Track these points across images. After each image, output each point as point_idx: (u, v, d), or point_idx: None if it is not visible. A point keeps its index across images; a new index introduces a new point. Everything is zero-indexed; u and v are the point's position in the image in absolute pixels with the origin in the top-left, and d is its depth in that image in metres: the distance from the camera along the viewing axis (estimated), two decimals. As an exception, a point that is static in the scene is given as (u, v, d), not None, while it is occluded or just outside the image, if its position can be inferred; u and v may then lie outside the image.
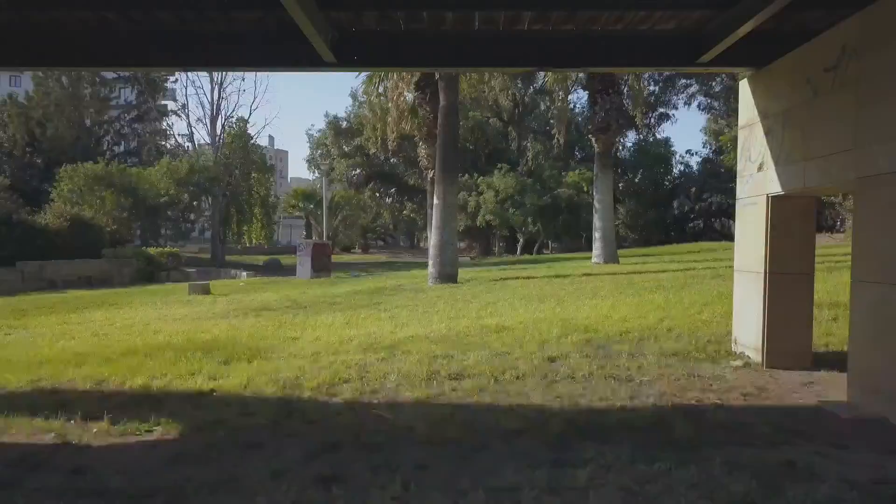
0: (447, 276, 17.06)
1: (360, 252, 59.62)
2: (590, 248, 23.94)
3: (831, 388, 5.26)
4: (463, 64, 6.94)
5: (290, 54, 6.20)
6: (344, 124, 54.71)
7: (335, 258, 38.33)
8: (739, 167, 6.59)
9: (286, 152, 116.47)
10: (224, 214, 40.06)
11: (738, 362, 6.17)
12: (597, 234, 22.26)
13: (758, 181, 6.17)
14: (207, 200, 39.36)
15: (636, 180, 51.28)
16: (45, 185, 35.96)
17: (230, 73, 40.36)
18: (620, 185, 48.86)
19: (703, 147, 56.19)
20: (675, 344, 7.01)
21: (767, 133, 5.99)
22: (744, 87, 6.53)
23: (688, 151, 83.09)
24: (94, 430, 4.81)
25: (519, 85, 47.61)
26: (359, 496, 3.45)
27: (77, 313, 15.14)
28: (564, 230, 44.30)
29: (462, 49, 6.27)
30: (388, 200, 58.93)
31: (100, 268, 26.54)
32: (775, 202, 5.93)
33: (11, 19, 5.97)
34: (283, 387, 5.77)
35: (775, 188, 5.83)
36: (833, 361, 5.97)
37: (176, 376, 6.37)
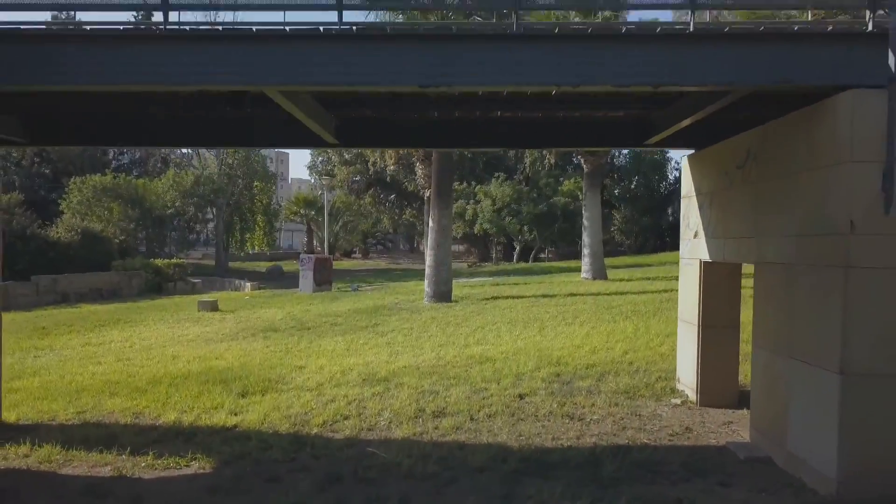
0: (442, 294, 18.21)
1: (360, 257, 60.78)
2: (585, 255, 24.91)
3: (745, 427, 6.37)
4: (447, 146, 8.06)
5: (298, 136, 7.30)
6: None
7: (336, 265, 39.52)
8: (681, 230, 7.73)
9: (287, 154, 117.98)
10: (227, 223, 41.23)
11: (678, 400, 7.30)
12: (586, 251, 23.37)
13: (694, 246, 7.30)
14: (212, 211, 40.52)
15: (632, 186, 52.34)
16: (53, 195, 37.12)
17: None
18: (616, 191, 49.96)
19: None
20: (631, 380, 8.14)
21: (700, 207, 7.12)
22: (685, 164, 7.66)
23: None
24: (143, 463, 5.92)
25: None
26: (356, 524, 4.56)
27: (95, 332, 16.31)
28: (560, 237, 45.38)
29: (446, 133, 7.39)
30: (388, 206, 60.00)
31: (109, 280, 27.68)
32: (706, 266, 7.06)
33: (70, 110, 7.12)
34: (294, 423, 6.89)
35: (705, 255, 6.96)
36: (759, 399, 7.09)
37: (202, 411, 7.49)
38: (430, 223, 19.07)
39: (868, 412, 4.50)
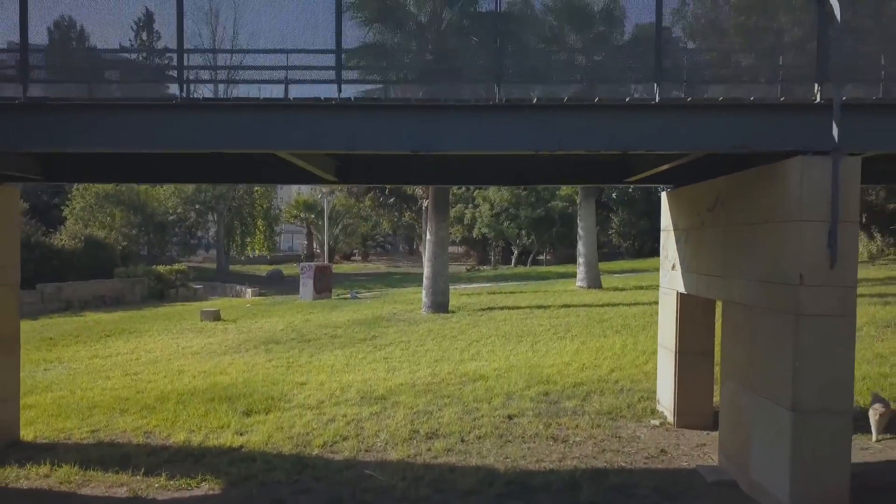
0: (439, 304, 18.70)
1: (360, 260, 61.33)
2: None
3: (715, 450, 6.83)
4: (444, 182, 8.53)
5: (300, 175, 7.76)
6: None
7: (336, 268, 40.04)
8: (661, 261, 8.20)
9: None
10: (228, 227, 41.73)
11: (657, 421, 7.78)
12: (581, 260, 23.87)
13: (671, 277, 7.78)
14: (213, 216, 41.01)
15: (629, 189, 52.82)
16: (56, 201, 37.58)
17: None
18: (613, 194, 50.42)
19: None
20: (615, 400, 8.63)
21: (677, 241, 7.60)
22: (664, 199, 8.13)
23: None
24: (156, 484, 6.40)
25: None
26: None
27: (102, 343, 16.82)
28: (558, 240, 45.86)
29: (443, 171, 7.86)
30: (387, 209, 60.45)
31: (113, 287, 28.17)
32: (682, 297, 7.53)
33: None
34: (296, 444, 7.37)
35: (681, 288, 7.44)
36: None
37: (209, 430, 7.97)
38: (428, 235, 19.56)
39: (816, 445, 4.98)
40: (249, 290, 29.73)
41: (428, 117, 4.88)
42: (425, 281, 19.12)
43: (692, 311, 7.50)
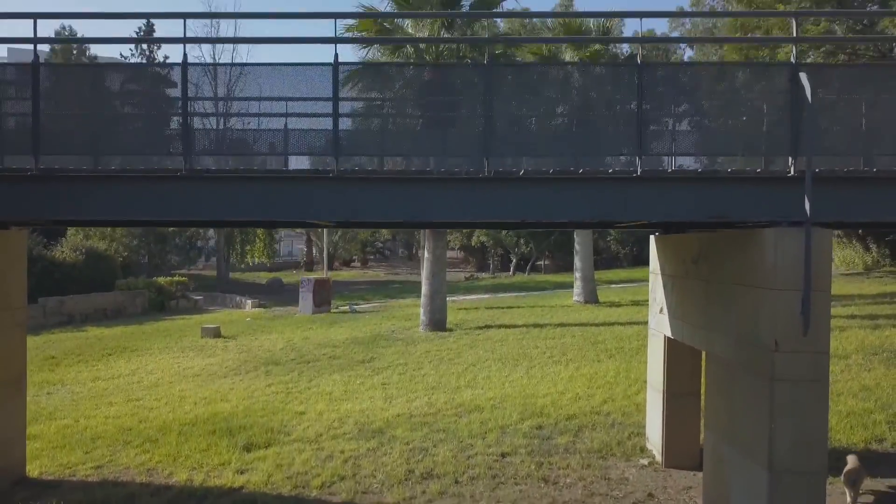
0: (437, 322, 18.94)
1: (359, 266, 61.61)
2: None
3: (700, 494, 7.07)
4: (440, 225, 8.75)
5: (302, 222, 8.01)
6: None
7: (335, 276, 40.32)
8: (650, 303, 8.43)
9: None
10: (228, 236, 41.98)
11: (646, 460, 8.02)
12: (577, 274, 24.13)
13: (659, 320, 8.01)
14: (213, 225, 41.28)
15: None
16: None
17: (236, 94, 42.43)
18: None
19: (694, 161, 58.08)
20: (605, 436, 8.86)
21: (664, 286, 7.83)
22: (653, 243, 8.37)
23: (679, 166, 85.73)
24: (161, 528, 6.64)
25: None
26: None
27: (103, 362, 17.10)
28: (556, 247, 46.08)
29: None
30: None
31: (114, 300, 28.39)
32: (669, 341, 7.77)
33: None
34: (295, 484, 7.60)
35: (668, 332, 7.67)
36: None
37: (211, 468, 8.20)
38: (426, 253, 19.80)
39: (791, 502, 5.21)
40: (249, 302, 29.97)
41: (421, 189, 5.11)
42: (423, 299, 19.35)
43: (679, 355, 7.73)
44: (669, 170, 5.30)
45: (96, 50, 44.13)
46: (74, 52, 41.12)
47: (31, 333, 22.38)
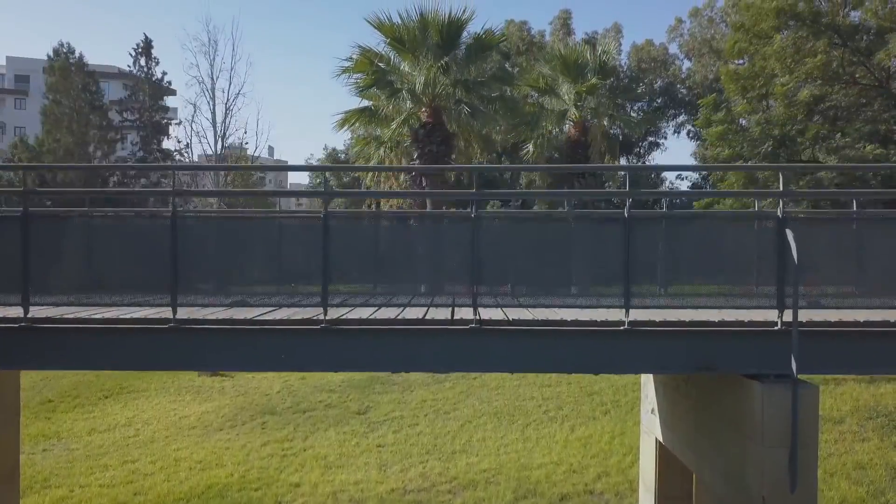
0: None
1: (358, 279, 61.51)
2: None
3: None
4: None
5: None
6: (342, 157, 56.70)
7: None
8: (641, 398, 8.44)
9: (286, 161, 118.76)
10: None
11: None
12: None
13: (650, 420, 8.02)
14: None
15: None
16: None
17: (234, 115, 42.49)
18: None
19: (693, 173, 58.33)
20: (597, 524, 8.90)
21: (656, 389, 7.83)
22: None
23: (678, 177, 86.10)
24: None
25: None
26: None
27: (99, 408, 17.15)
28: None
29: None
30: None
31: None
32: (661, 444, 7.78)
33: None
34: (287, 588, 7.64)
35: (660, 436, 7.68)
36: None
37: (205, 562, 8.25)
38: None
39: None
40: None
41: (407, 339, 5.15)
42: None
43: (670, 459, 7.73)
44: (658, 321, 5.31)
45: (91, 60, 44.29)
46: (73, 67, 41.35)
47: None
